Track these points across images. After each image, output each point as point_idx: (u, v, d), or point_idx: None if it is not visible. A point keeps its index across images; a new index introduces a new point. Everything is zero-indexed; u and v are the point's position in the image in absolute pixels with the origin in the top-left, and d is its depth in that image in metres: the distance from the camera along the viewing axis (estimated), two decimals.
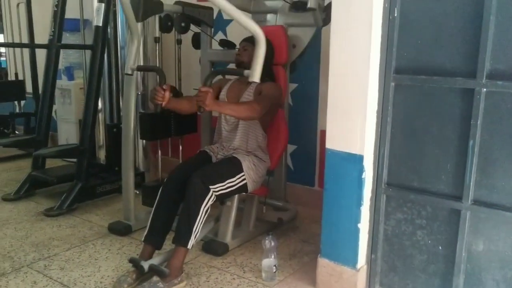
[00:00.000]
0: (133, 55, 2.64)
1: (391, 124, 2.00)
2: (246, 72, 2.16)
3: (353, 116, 2.00)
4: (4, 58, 6.16)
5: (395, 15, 1.91)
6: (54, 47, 3.69)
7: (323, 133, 2.95)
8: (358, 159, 2.01)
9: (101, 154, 4.15)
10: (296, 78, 3.39)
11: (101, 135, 4.09)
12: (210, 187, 2.30)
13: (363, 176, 2.02)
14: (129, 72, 2.65)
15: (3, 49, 6.22)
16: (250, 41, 2.68)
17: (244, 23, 2.06)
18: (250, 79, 2.09)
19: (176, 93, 2.90)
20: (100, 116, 3.96)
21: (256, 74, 2.06)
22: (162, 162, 3.39)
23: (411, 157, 1.98)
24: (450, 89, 1.84)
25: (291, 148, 3.55)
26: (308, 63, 3.30)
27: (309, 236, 2.97)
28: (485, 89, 1.74)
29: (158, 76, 2.49)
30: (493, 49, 1.72)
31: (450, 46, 1.82)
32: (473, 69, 1.76)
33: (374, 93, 1.99)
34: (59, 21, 3.75)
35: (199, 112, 2.29)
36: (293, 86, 3.47)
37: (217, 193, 2.33)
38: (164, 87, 2.37)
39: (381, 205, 2.07)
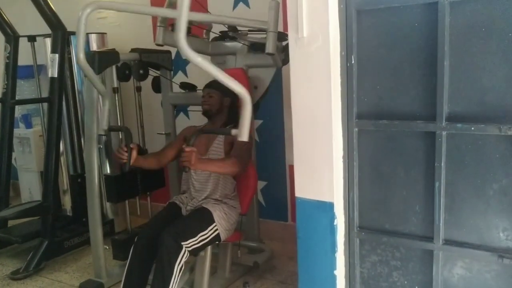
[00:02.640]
0: (105, 116, 2.57)
1: (358, 169, 2.00)
2: (234, 131, 2.15)
3: (320, 164, 2.00)
4: None
5: (352, 62, 1.93)
6: (8, 105, 3.57)
7: (292, 167, 2.95)
8: (329, 206, 2.00)
9: (67, 204, 4.03)
10: (260, 114, 3.39)
11: (65, 184, 3.98)
12: (182, 243, 2.25)
13: (335, 223, 2.01)
14: (102, 133, 2.59)
15: None
16: (215, 87, 2.66)
17: (228, 84, 2.05)
18: (239, 139, 2.08)
19: (141, 150, 2.84)
20: (63, 165, 3.86)
21: (244, 133, 2.04)
22: (130, 205, 3.28)
23: (380, 200, 1.98)
24: (412, 133, 1.86)
25: (261, 184, 3.54)
26: (271, 99, 3.30)
27: (287, 276, 2.95)
28: (445, 132, 1.77)
29: (124, 136, 2.44)
30: (450, 93, 1.75)
31: (408, 91, 1.85)
32: (432, 113, 1.79)
33: (339, 139, 1.99)
34: (12, 74, 3.65)
35: (185, 171, 2.28)
36: (258, 122, 3.47)
37: (189, 249, 2.29)
38: (131, 145, 2.36)
39: (355, 248, 2.07)
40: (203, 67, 2.03)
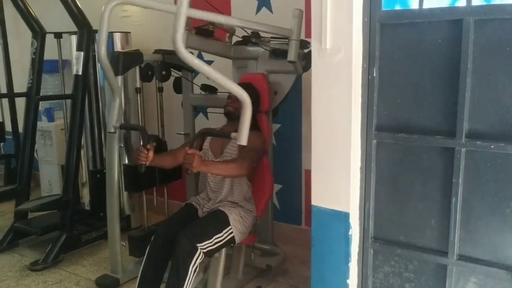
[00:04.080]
0: (115, 113, 2.63)
1: (375, 180, 2.02)
2: (233, 135, 2.17)
3: (337, 174, 2.02)
4: None
5: (374, 75, 1.95)
6: (33, 100, 3.65)
7: (308, 172, 2.97)
8: (344, 216, 2.02)
9: (85, 197, 4.11)
10: (279, 118, 3.42)
11: (84, 178, 4.07)
12: (198, 245, 2.29)
13: (350, 233, 2.04)
14: (112, 130, 2.63)
15: None
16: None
17: (229, 88, 2.08)
18: (238, 143, 2.10)
19: (159, 143, 2.90)
20: (83, 160, 3.94)
21: (243, 137, 2.07)
22: (147, 202, 3.35)
23: (396, 212, 2.00)
24: (431, 147, 1.87)
25: (276, 187, 3.57)
26: (289, 105, 3.33)
27: (299, 280, 2.97)
28: (464, 149, 1.78)
29: (141, 136, 2.49)
30: (470, 110, 1.76)
31: (429, 106, 1.86)
32: (452, 129, 1.80)
33: (357, 150, 2.01)
34: (38, 69, 3.73)
35: (187, 173, 2.30)
36: (276, 126, 3.50)
37: (204, 251, 2.33)
38: (148, 146, 2.40)
39: (369, 259, 2.09)
40: (200, 70, 2.06)
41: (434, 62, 1.81)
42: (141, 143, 2.50)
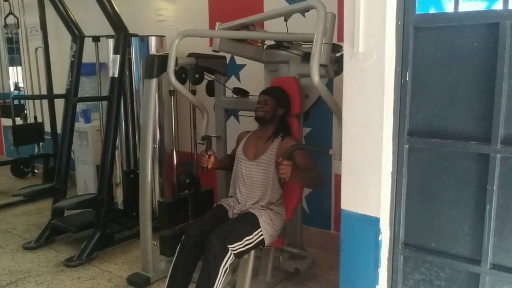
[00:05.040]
0: (204, 126, 3.09)
1: (407, 186, 1.99)
2: (331, 151, 2.34)
3: (368, 178, 2.01)
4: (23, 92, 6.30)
5: (407, 79, 1.93)
6: (71, 101, 3.78)
7: (338, 176, 2.96)
8: (374, 221, 2.01)
9: (118, 197, 4.22)
10: (310, 122, 3.41)
11: (118, 178, 4.17)
12: (229, 246, 2.32)
13: (379, 238, 2.02)
14: (200, 142, 3.03)
15: (21, 84, 6.37)
16: (272, 95, 2.71)
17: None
18: (335, 158, 2.30)
19: (209, 141, 2.99)
20: (117, 160, 4.04)
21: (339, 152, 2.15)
22: None
23: (428, 218, 1.97)
24: (465, 153, 1.83)
25: (306, 191, 3.56)
26: (321, 109, 3.32)
27: (327, 284, 2.96)
28: (500, 155, 1.74)
29: (206, 143, 2.84)
30: (506, 115, 1.72)
31: (463, 111, 1.82)
32: (487, 134, 1.76)
33: (388, 155, 1.99)
34: (76, 72, 3.86)
35: (281, 181, 2.47)
36: (306, 130, 3.50)
37: (235, 252, 2.35)
38: (209, 152, 2.69)
39: (399, 265, 2.06)
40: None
41: (469, 66, 1.78)
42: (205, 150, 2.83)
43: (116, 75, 3.53)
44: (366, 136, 2.00)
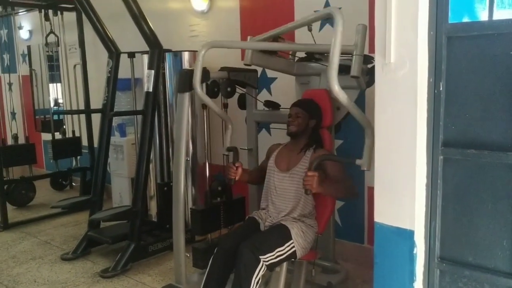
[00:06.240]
0: (228, 138, 3.07)
1: (442, 198, 1.95)
2: (358, 161, 2.38)
3: (402, 190, 1.97)
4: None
5: (441, 89, 1.90)
6: (108, 116, 3.89)
7: (371, 189, 2.91)
8: (409, 234, 1.97)
9: (152, 209, 4.29)
10: (341, 134, 3.39)
11: (152, 191, 4.24)
12: (260, 257, 2.31)
13: (414, 252, 1.97)
14: (225, 153, 3.08)
15: (61, 99, 6.60)
16: (303, 107, 2.71)
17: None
18: (363, 168, 2.30)
19: (236, 153, 3.01)
20: (151, 173, 4.12)
21: (368, 163, 2.22)
22: None
23: (464, 231, 1.91)
24: (502, 164, 1.78)
25: (338, 204, 3.53)
26: (352, 120, 3.30)
27: None
28: None
29: (233, 154, 2.86)
30: None
31: (499, 121, 1.78)
32: None
33: (423, 166, 1.96)
34: (112, 87, 3.97)
35: (306, 193, 2.41)
36: (338, 142, 3.47)
37: (267, 263, 2.35)
38: (237, 164, 2.68)
39: (435, 279, 2.00)
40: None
41: (505, 75, 1.74)
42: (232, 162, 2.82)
43: (151, 90, 3.61)
44: (399, 147, 1.97)
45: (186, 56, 4.05)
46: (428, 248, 2.01)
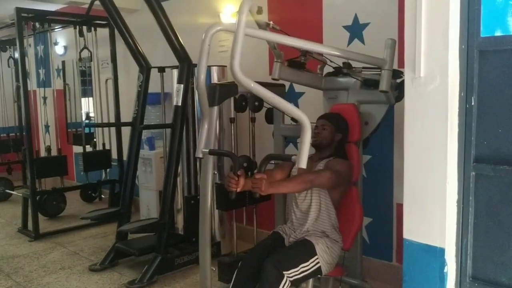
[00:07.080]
0: (203, 138, 2.67)
1: (474, 215, 1.90)
2: (293, 158, 2.23)
3: (432, 206, 1.93)
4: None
5: (472, 104, 1.86)
6: (137, 129, 3.96)
7: (400, 206, 2.86)
8: (439, 252, 1.92)
9: (179, 222, 4.31)
10: (370, 149, 3.36)
11: (179, 204, 4.27)
12: (284, 272, 2.29)
13: (445, 270, 1.92)
14: (200, 156, 2.67)
15: (92, 113, 6.76)
16: (330, 120, 2.71)
17: (287, 110, 2.12)
18: (298, 165, 2.12)
19: (250, 163, 2.95)
20: (178, 186, 4.15)
21: (303, 160, 2.10)
22: (237, 230, 3.45)
23: (497, 250, 1.85)
24: None
25: (366, 220, 3.47)
26: (381, 135, 3.27)
27: None
28: None
29: (232, 163, 2.60)
30: None
31: None
32: None
33: (454, 182, 1.92)
34: (142, 101, 4.05)
35: (255, 196, 2.32)
36: (366, 158, 3.44)
37: (291, 279, 2.32)
38: (239, 173, 2.39)
39: None
40: (257, 93, 2.19)
41: None
42: (232, 171, 2.52)
43: (180, 104, 3.67)
44: (430, 163, 1.93)
45: (215, 70, 4.10)
46: (459, 267, 1.95)
